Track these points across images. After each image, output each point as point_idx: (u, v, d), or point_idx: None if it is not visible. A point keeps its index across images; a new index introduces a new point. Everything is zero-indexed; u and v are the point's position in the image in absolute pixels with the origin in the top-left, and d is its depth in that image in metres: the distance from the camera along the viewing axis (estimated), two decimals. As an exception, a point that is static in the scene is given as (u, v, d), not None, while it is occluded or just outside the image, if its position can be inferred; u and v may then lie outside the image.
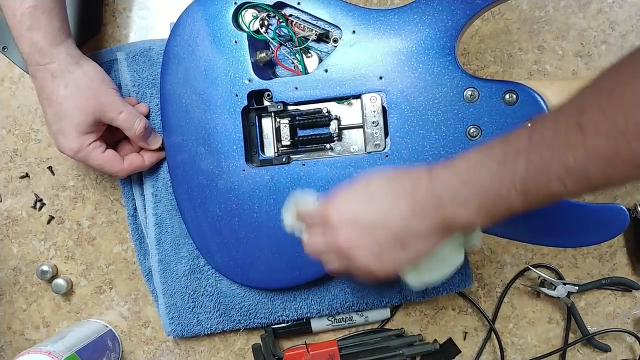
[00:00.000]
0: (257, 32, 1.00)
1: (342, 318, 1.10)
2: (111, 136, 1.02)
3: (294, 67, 1.01)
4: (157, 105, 1.05)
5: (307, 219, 0.86)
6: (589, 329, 1.09)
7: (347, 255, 0.79)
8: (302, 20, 0.99)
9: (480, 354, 1.12)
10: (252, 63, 0.98)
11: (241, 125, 0.99)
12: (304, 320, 1.10)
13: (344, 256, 0.80)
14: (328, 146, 1.01)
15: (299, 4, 0.98)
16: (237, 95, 0.99)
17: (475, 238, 0.83)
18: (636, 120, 0.60)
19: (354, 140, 1.00)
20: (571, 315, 1.09)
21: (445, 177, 0.74)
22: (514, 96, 0.92)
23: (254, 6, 0.99)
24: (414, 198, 0.76)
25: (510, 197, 0.70)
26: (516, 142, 0.70)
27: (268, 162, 1.00)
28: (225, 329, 1.09)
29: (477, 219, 0.73)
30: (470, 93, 0.93)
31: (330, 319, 1.10)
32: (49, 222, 1.15)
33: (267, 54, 1.00)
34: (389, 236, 0.77)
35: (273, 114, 1.01)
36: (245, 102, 0.99)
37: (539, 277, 1.09)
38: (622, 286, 1.09)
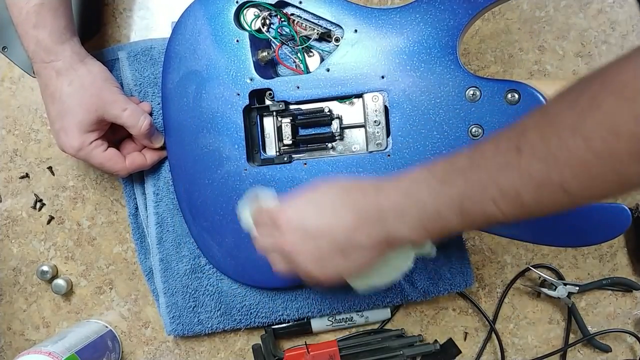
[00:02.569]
0: (259, 31, 1.00)
1: (342, 318, 1.10)
2: (113, 135, 1.02)
3: (296, 66, 1.01)
4: (159, 104, 1.05)
5: (259, 218, 0.86)
6: (589, 329, 1.09)
7: (290, 258, 0.80)
8: (304, 19, 0.99)
9: (480, 354, 1.12)
10: (254, 62, 0.98)
11: (242, 124, 0.99)
12: (304, 320, 1.10)
13: (288, 259, 0.81)
14: (329, 145, 1.01)
15: (300, 2, 0.98)
16: (238, 94, 0.99)
17: (426, 248, 0.83)
18: (569, 146, 0.60)
19: (356, 139, 1.00)
20: (571, 315, 1.09)
21: (389, 191, 0.75)
22: (516, 95, 0.92)
23: (256, 5, 0.99)
24: (358, 210, 0.76)
25: (448, 216, 0.70)
26: (458, 160, 0.70)
27: (269, 161, 1.00)
28: (225, 328, 1.09)
29: (416, 236, 0.74)
30: (472, 92, 0.93)
31: (330, 319, 1.09)
32: (48, 222, 1.15)
33: (268, 53, 1.00)
34: (331, 245, 0.77)
35: (274, 113, 1.01)
36: (247, 101, 0.99)
37: (539, 277, 1.09)
38: (623, 286, 1.09)
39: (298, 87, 0.98)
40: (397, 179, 0.75)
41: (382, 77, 0.96)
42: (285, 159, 0.99)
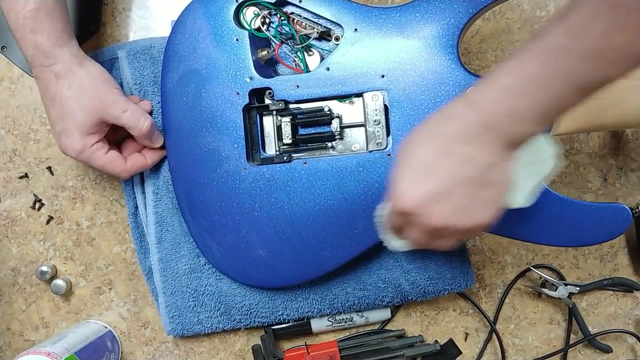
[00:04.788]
0: (258, 29, 1.00)
1: (342, 318, 1.09)
2: (114, 135, 1.02)
3: (295, 65, 1.01)
4: (159, 103, 1.05)
5: (392, 225, 0.83)
6: (590, 329, 1.09)
7: (449, 229, 0.75)
8: (304, 18, 0.99)
9: (481, 354, 1.11)
10: (253, 61, 0.98)
11: (242, 123, 0.99)
12: (304, 320, 1.09)
13: (446, 232, 0.76)
14: (329, 144, 1.00)
15: (300, 1, 0.97)
16: (238, 93, 0.98)
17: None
18: None
19: (356, 138, 1.00)
20: (572, 315, 1.09)
21: (491, 100, 0.71)
22: (516, 94, 0.92)
23: (255, 4, 0.99)
24: (467, 138, 0.72)
25: (568, 97, 0.69)
26: (555, 40, 0.68)
27: (269, 160, 1.00)
28: (225, 328, 1.08)
29: (538, 127, 0.71)
30: (472, 91, 0.93)
31: (330, 319, 1.09)
32: (47, 222, 1.15)
33: (268, 52, 1.00)
34: (468, 187, 0.73)
35: (274, 112, 1.01)
36: (246, 100, 0.98)
37: (540, 278, 1.09)
38: (623, 286, 1.09)
39: (298, 86, 0.98)
40: (490, 83, 0.72)
41: (382, 76, 0.95)
42: (285, 158, 0.99)
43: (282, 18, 1.00)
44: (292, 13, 1.00)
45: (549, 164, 0.82)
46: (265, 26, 1.00)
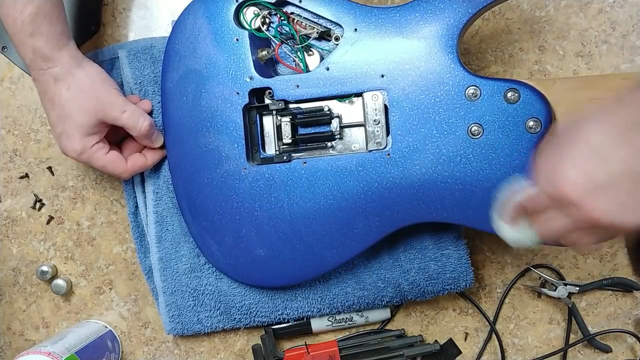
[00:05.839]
0: (259, 29, 1.00)
1: (342, 318, 1.09)
2: (115, 135, 1.02)
3: (295, 64, 1.01)
4: (159, 103, 1.05)
5: (532, 207, 0.77)
6: (589, 329, 1.09)
7: (605, 225, 0.69)
8: (304, 18, 0.99)
9: (480, 354, 1.11)
10: (253, 61, 0.98)
11: (242, 123, 0.99)
12: (304, 320, 1.10)
13: (601, 228, 0.71)
14: (329, 144, 1.01)
15: (300, 1, 0.97)
16: (238, 93, 0.98)
17: None
18: None
19: (355, 138, 1.00)
20: (572, 315, 1.09)
21: None
22: (516, 94, 0.92)
23: (255, 4, 0.99)
24: (633, 122, 0.67)
25: None
26: None
27: (269, 160, 1.00)
28: (225, 328, 1.09)
29: None
30: (472, 91, 0.93)
31: (330, 319, 1.09)
32: (48, 222, 1.15)
33: (268, 52, 1.00)
34: (637, 182, 0.67)
35: (274, 112, 1.01)
36: (246, 100, 0.98)
37: (540, 278, 1.09)
38: (623, 286, 1.09)
39: (298, 86, 0.98)
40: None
41: (382, 76, 0.95)
42: (285, 158, 0.99)
43: (282, 18, 1.00)
44: (292, 13, 1.00)
45: None
46: (265, 26, 1.00)
